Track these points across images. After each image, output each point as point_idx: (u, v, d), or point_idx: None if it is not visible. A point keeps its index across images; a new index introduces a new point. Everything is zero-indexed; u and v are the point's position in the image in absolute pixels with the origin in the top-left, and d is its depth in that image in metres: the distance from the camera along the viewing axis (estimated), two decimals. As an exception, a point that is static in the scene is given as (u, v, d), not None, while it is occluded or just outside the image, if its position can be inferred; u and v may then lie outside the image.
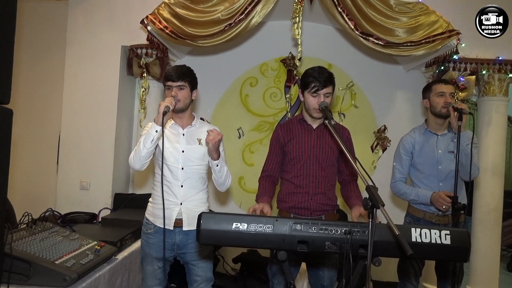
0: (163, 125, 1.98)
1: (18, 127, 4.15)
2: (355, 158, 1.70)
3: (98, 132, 3.53)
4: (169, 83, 2.15)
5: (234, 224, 1.56)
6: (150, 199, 2.30)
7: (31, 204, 3.82)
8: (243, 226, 1.56)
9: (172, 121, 2.24)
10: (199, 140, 2.22)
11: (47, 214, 2.38)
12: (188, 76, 2.18)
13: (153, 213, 2.23)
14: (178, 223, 2.17)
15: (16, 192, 3.91)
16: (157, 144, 2.12)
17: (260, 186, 2.25)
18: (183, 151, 2.18)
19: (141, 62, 3.47)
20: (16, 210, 2.85)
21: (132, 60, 3.53)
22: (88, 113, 3.56)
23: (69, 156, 3.57)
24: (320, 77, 2.10)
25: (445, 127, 2.53)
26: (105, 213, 3.41)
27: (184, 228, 2.17)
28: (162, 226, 2.13)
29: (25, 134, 4.12)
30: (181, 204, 2.18)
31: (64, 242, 2.23)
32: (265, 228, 1.56)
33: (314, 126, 2.23)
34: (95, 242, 2.36)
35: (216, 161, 2.14)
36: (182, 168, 2.18)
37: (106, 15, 3.56)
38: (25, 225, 2.28)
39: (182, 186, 2.18)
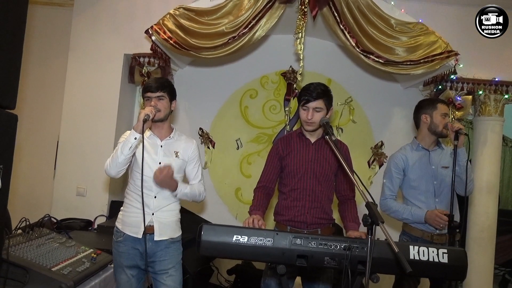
0: (143, 133, 2.01)
1: (18, 131, 4.12)
2: (354, 174, 1.73)
3: (97, 138, 3.53)
4: (149, 94, 2.18)
5: (235, 236, 1.58)
6: (122, 207, 2.30)
7: (27, 209, 3.80)
8: (243, 239, 1.57)
9: (150, 132, 2.25)
10: (176, 153, 2.25)
11: (44, 219, 2.36)
12: (167, 87, 2.21)
13: (122, 221, 2.23)
14: (149, 229, 2.16)
15: (12, 196, 3.87)
16: (134, 152, 2.13)
17: (254, 197, 2.24)
18: (160, 163, 2.19)
19: (143, 70, 3.49)
20: (12, 214, 2.83)
21: (134, 69, 3.55)
22: (88, 119, 3.56)
23: (66, 161, 3.56)
24: (311, 91, 2.13)
25: (435, 143, 2.57)
26: (101, 220, 3.40)
27: (156, 238, 2.17)
28: (131, 234, 2.15)
29: (23, 138, 4.10)
30: (152, 214, 2.18)
31: (61, 249, 2.22)
32: (265, 241, 1.58)
33: (312, 140, 2.25)
34: (92, 250, 2.35)
35: (174, 193, 2.20)
36: None
37: (110, 22, 3.59)
38: (21, 231, 2.27)
39: (155, 197, 2.19)
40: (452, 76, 3.28)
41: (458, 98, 3.40)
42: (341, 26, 2.89)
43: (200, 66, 4.00)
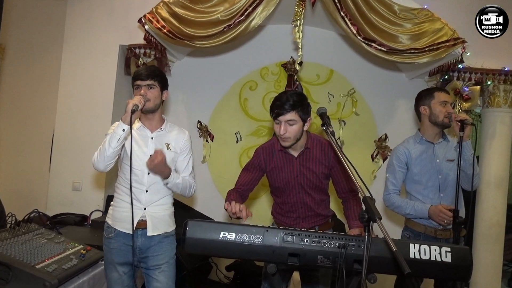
0: (131, 124, 1.91)
1: (12, 124, 4.08)
2: (351, 167, 1.62)
3: (93, 132, 3.44)
4: (138, 82, 2.08)
5: (222, 233, 1.48)
6: (112, 202, 2.21)
7: (23, 204, 3.73)
8: (231, 236, 1.48)
9: (140, 123, 2.16)
10: (168, 145, 2.15)
11: (32, 215, 2.28)
12: (158, 75, 2.10)
13: (113, 216, 2.14)
14: (141, 224, 2.08)
15: (7, 190, 3.82)
16: (124, 145, 2.05)
17: (230, 195, 2.09)
18: (151, 156, 2.08)
19: (139, 62, 3.39)
20: (7, 209, 2.75)
21: (130, 60, 3.46)
22: (83, 112, 3.48)
23: (62, 155, 3.48)
24: (283, 102, 1.92)
25: (439, 135, 2.45)
26: (97, 215, 3.33)
27: (149, 233, 2.09)
28: (123, 230, 2.07)
29: (19, 131, 4.06)
30: (144, 209, 2.10)
31: (48, 245, 2.15)
32: (254, 238, 1.48)
33: (296, 154, 2.11)
34: (81, 246, 2.29)
35: (165, 180, 2.06)
36: (148, 173, 2.10)
37: (104, 13, 3.49)
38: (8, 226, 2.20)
39: (147, 191, 2.11)
40: (459, 65, 3.14)
41: (466, 88, 3.26)
42: (342, 13, 2.76)
43: (199, 57, 3.89)
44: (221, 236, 1.47)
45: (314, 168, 2.10)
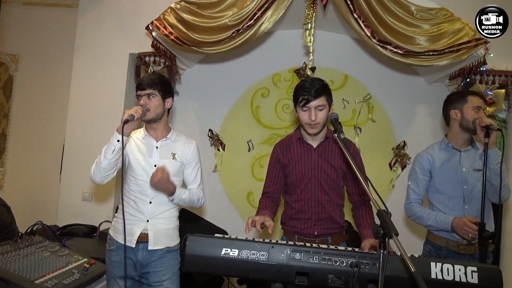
0: (122, 135, 1.87)
1: (23, 134, 4.09)
2: (365, 177, 1.49)
3: (103, 141, 3.32)
4: (138, 92, 2.06)
5: (224, 249, 1.38)
6: (116, 213, 2.18)
7: (33, 214, 3.71)
8: (233, 253, 1.37)
9: (145, 132, 2.12)
10: (174, 155, 2.10)
11: (35, 227, 2.23)
12: (158, 84, 2.05)
13: (115, 228, 2.10)
14: (143, 237, 2.02)
15: (19, 201, 3.81)
16: (127, 155, 2.02)
17: (260, 204, 2.08)
18: (155, 166, 2.03)
19: (149, 70, 3.35)
20: (18, 220, 2.71)
21: (140, 68, 3.42)
22: (94, 122, 3.45)
23: (72, 165, 3.45)
24: (309, 89, 1.89)
25: (468, 142, 2.28)
26: (106, 226, 3.27)
27: (150, 247, 2.02)
28: (123, 243, 1.98)
29: (29, 141, 4.07)
30: (147, 221, 2.04)
31: (51, 258, 2.09)
32: (258, 255, 1.37)
33: (315, 145, 2.03)
34: (85, 260, 2.22)
35: (170, 197, 2.03)
36: None
37: (114, 22, 3.48)
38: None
39: (150, 202, 2.04)
40: (481, 68, 2.96)
41: (489, 92, 3.08)
42: (355, 15, 2.64)
43: (210, 64, 3.83)
44: (223, 252, 1.37)
45: (333, 161, 2.01)
